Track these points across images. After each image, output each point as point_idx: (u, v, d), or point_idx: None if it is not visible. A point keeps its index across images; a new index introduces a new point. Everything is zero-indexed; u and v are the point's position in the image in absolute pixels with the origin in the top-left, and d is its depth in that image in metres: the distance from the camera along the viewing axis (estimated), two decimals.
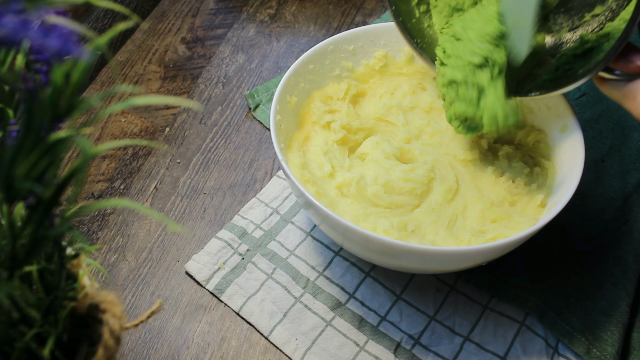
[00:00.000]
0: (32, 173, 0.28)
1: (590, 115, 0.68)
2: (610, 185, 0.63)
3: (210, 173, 0.67)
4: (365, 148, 0.59)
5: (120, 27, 0.28)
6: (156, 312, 0.38)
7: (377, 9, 0.85)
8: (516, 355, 0.53)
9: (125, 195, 0.64)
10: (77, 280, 0.35)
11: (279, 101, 0.56)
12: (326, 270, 0.58)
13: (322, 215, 0.49)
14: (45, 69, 0.31)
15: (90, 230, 0.61)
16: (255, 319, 0.55)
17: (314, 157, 0.58)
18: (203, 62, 0.78)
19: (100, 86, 0.75)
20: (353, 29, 0.63)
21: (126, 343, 0.54)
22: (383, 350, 0.53)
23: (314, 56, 0.61)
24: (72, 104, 0.28)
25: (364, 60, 0.64)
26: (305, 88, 0.61)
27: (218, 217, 0.63)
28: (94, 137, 0.70)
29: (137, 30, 0.82)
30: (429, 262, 0.49)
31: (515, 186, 0.56)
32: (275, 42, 0.81)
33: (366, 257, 0.53)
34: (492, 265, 0.55)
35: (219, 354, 0.53)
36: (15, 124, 0.33)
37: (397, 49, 0.65)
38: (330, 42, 0.62)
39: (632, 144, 0.65)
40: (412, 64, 0.65)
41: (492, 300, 0.56)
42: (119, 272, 0.58)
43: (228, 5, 0.86)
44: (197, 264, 0.58)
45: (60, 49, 0.23)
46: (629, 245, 0.58)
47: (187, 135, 0.70)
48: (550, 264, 0.58)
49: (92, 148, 0.28)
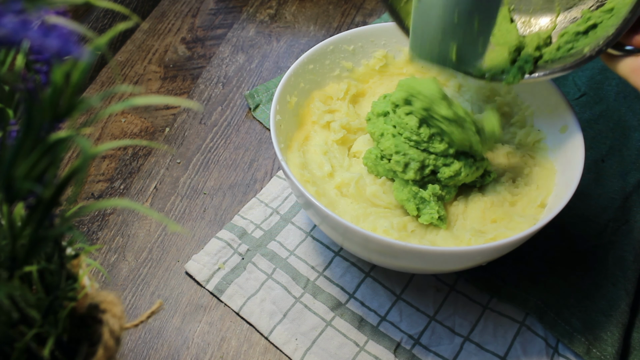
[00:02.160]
0: (32, 173, 0.28)
1: (590, 115, 0.68)
2: (610, 185, 0.63)
3: (210, 173, 0.67)
4: (357, 146, 0.59)
5: (120, 27, 0.28)
6: (156, 312, 0.38)
7: (377, 9, 0.85)
8: (516, 356, 0.53)
9: (125, 195, 0.64)
10: (77, 281, 0.35)
11: (279, 101, 0.56)
12: (326, 271, 0.58)
13: (322, 216, 0.49)
14: (45, 69, 0.30)
15: (90, 230, 0.61)
16: (255, 319, 0.55)
17: (313, 157, 0.58)
18: (203, 62, 0.78)
19: (100, 86, 0.75)
20: (353, 29, 0.63)
21: (126, 343, 0.54)
22: (383, 350, 0.53)
23: (314, 56, 0.61)
24: (72, 104, 0.28)
25: (364, 60, 0.64)
26: (305, 88, 0.61)
27: (218, 217, 0.63)
28: (94, 137, 0.70)
29: (137, 30, 0.82)
30: (429, 262, 0.49)
31: (515, 186, 0.56)
32: (275, 42, 0.81)
33: (366, 257, 0.53)
34: (492, 265, 0.55)
35: (219, 354, 0.53)
36: (15, 124, 0.33)
37: (397, 49, 0.65)
38: (330, 42, 0.62)
39: (632, 144, 0.65)
40: (412, 64, 0.65)
41: (492, 300, 0.56)
42: (119, 272, 0.58)
43: (228, 5, 0.86)
44: (197, 264, 0.58)
45: (60, 49, 0.23)
46: (629, 245, 0.58)
47: (187, 135, 0.70)
48: (550, 264, 0.58)
49: (92, 148, 0.28)
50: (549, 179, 0.56)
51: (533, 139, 0.59)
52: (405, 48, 0.64)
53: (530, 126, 0.60)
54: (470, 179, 0.54)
